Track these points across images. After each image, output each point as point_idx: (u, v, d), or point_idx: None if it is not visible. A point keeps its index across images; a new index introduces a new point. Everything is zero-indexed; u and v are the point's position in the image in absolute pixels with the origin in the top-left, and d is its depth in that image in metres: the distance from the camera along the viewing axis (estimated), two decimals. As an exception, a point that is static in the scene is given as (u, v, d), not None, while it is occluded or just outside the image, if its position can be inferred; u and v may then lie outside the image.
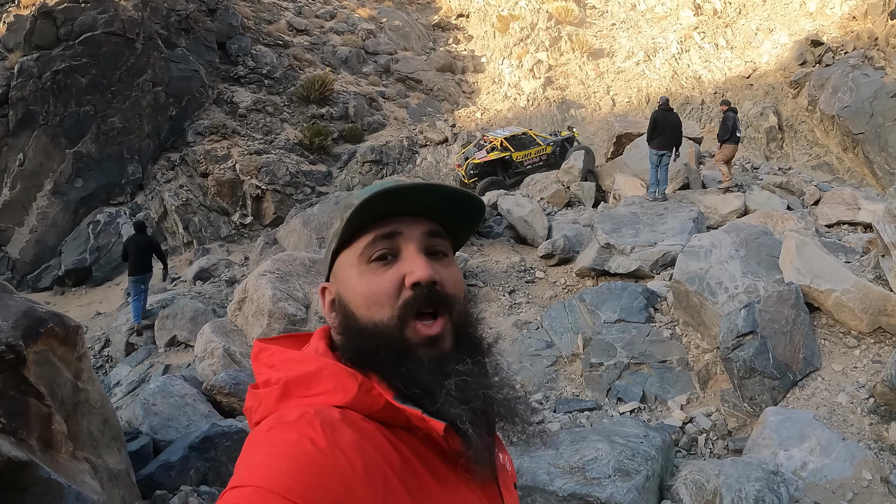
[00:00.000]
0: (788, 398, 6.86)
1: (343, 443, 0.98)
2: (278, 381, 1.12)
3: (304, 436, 0.97)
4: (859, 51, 23.37)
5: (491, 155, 20.30)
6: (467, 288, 1.30)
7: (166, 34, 23.58)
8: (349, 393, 1.08)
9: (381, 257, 1.16)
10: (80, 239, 20.01)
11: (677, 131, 14.02)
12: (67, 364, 4.96)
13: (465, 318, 1.20)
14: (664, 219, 12.20)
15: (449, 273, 1.19)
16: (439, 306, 1.15)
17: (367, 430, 1.04)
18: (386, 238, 1.16)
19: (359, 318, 1.15)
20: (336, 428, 1.00)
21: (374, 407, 1.08)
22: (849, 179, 20.74)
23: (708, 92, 26.02)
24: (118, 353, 13.31)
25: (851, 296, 7.21)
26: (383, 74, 30.21)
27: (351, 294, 1.17)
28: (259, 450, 0.98)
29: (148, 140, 22.08)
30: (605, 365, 8.42)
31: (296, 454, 0.94)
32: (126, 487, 5.19)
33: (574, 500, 4.87)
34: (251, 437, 1.04)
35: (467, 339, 1.18)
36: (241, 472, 0.96)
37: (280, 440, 0.97)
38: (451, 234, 1.25)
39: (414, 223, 1.18)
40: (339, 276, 1.22)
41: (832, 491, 5.44)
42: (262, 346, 1.23)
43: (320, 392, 1.09)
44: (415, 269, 1.13)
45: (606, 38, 31.35)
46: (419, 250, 1.16)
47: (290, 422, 1.01)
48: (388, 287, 1.13)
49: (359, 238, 1.18)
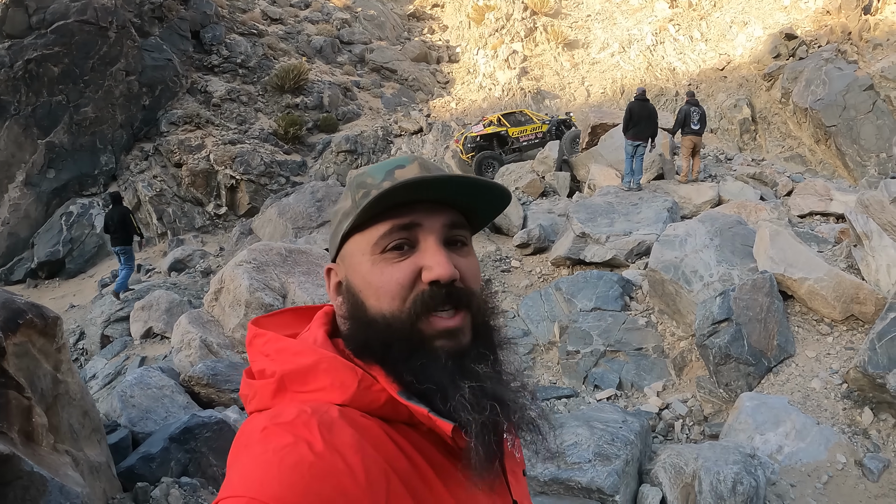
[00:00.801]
0: (763, 384, 6.96)
1: (342, 445, 0.93)
2: (273, 374, 1.07)
3: (301, 439, 0.92)
4: (833, 44, 23.65)
5: (487, 129, 20.66)
6: (484, 276, 1.26)
7: (140, 23, 23.32)
8: (348, 390, 1.03)
9: (398, 247, 1.09)
10: (53, 231, 19.80)
11: (653, 122, 14.11)
12: (47, 356, 4.91)
13: (483, 311, 1.15)
14: (639, 208, 12.27)
15: (467, 264, 1.13)
16: (458, 303, 1.09)
17: (367, 427, 1.00)
18: (404, 229, 1.09)
19: (368, 309, 1.09)
20: (334, 429, 0.96)
21: (374, 404, 1.04)
22: (821, 171, 20.99)
23: (682, 84, 26.21)
24: (93, 345, 13.17)
25: (824, 284, 7.32)
26: (358, 64, 30.13)
27: (361, 282, 1.11)
28: (253, 454, 0.92)
29: (121, 130, 21.87)
30: (582, 353, 8.47)
31: (291, 460, 0.89)
32: (107, 480, 5.15)
33: (555, 484, 4.92)
34: (245, 435, 0.99)
35: (485, 332, 1.13)
36: (234, 478, 0.91)
37: (275, 444, 0.92)
38: (471, 219, 1.19)
39: (435, 213, 1.11)
40: (348, 261, 1.15)
41: (807, 474, 5.53)
42: (257, 332, 1.18)
43: (317, 388, 1.04)
44: (434, 265, 1.07)
45: (581, 29, 31.45)
46: (439, 243, 1.10)
47: (285, 422, 0.96)
48: (403, 279, 1.07)
49: (374, 225, 1.10)
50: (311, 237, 15.12)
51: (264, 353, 1.13)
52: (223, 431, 6.26)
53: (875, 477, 5.45)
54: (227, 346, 9.41)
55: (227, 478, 0.93)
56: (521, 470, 1.26)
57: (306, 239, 14.89)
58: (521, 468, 1.27)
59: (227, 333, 9.70)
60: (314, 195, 17.21)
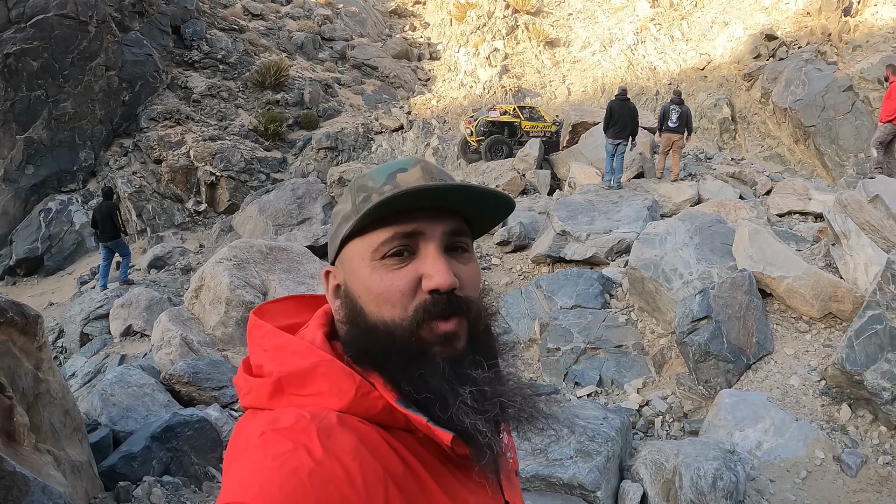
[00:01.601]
0: (742, 381, 7.02)
1: (340, 452, 0.93)
2: (270, 374, 1.07)
3: (300, 445, 0.92)
4: (812, 45, 23.84)
5: (502, 117, 20.79)
6: (483, 281, 1.26)
7: (120, 17, 23.13)
8: (346, 396, 1.03)
9: (398, 253, 1.08)
10: (32, 227, 19.59)
11: (633, 121, 14.22)
12: (28, 354, 4.87)
13: (481, 317, 1.15)
14: (619, 207, 12.33)
15: (468, 271, 1.13)
16: (457, 311, 1.08)
17: (365, 433, 1.00)
18: (406, 236, 1.08)
19: (367, 315, 1.09)
20: (333, 435, 0.95)
21: (371, 410, 1.04)
22: (800, 171, 21.14)
23: (663, 83, 26.32)
24: (72, 343, 13.09)
25: (803, 282, 7.39)
26: (339, 61, 30.09)
27: (361, 288, 1.10)
28: (252, 459, 0.92)
29: (100, 126, 21.69)
30: (562, 350, 8.50)
31: (290, 467, 0.89)
32: (89, 479, 5.13)
33: (537, 480, 4.94)
34: (243, 439, 0.99)
35: (482, 338, 1.13)
36: (232, 484, 0.90)
37: (274, 450, 0.92)
38: (472, 225, 1.18)
39: (437, 220, 1.10)
40: (347, 265, 1.14)
41: (786, 469, 5.59)
42: (256, 323, 1.18)
43: (315, 392, 1.04)
44: (434, 273, 1.06)
45: (563, 27, 31.54)
46: (440, 250, 1.09)
47: (284, 428, 0.96)
48: (403, 286, 1.07)
49: (374, 230, 1.09)
50: (291, 234, 15.08)
51: (262, 346, 1.13)
52: (205, 430, 6.24)
53: (853, 472, 5.52)
54: (207, 344, 9.39)
55: (224, 483, 0.93)
56: (514, 471, 1.27)
57: (287, 236, 14.85)
58: (515, 468, 1.28)
59: (208, 331, 9.67)
60: (295, 192, 17.20)
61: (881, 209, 8.20)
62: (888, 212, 8.08)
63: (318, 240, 13.49)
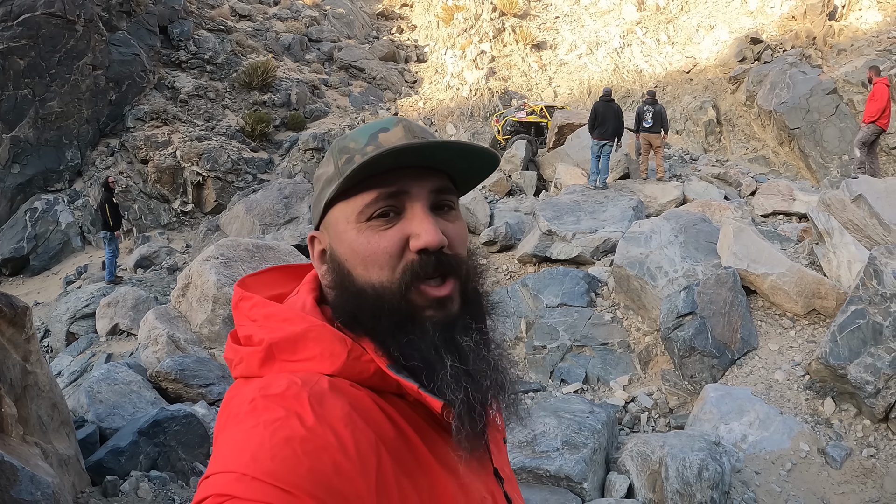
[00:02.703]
0: (727, 376, 7.07)
1: (332, 418, 0.91)
2: (261, 341, 1.05)
3: (291, 412, 0.90)
4: (797, 49, 24.02)
5: (530, 117, 21.02)
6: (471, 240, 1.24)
7: (107, 17, 23.03)
8: (337, 360, 1.02)
9: (384, 214, 1.06)
10: (18, 227, 19.44)
11: (618, 122, 14.30)
12: (16, 346, 4.85)
13: (471, 276, 1.13)
14: (605, 207, 12.39)
15: (455, 229, 1.11)
16: (447, 270, 1.07)
17: (357, 398, 0.98)
18: (391, 196, 1.06)
19: (355, 278, 1.07)
20: (324, 402, 0.93)
21: (363, 374, 1.03)
22: (784, 172, 21.28)
23: (648, 85, 26.38)
24: (58, 342, 13.06)
25: (787, 279, 7.46)
26: (326, 62, 30.07)
27: (347, 251, 1.08)
28: (243, 427, 0.90)
29: (87, 125, 21.57)
30: (549, 348, 8.55)
31: (282, 435, 0.86)
32: (76, 473, 5.11)
33: (524, 472, 4.97)
34: (233, 406, 0.97)
35: (474, 298, 1.12)
36: (223, 452, 0.88)
37: (265, 417, 0.89)
38: (456, 182, 1.17)
39: (422, 179, 1.08)
40: (332, 229, 1.11)
41: (771, 462, 5.64)
42: (243, 295, 1.15)
43: (307, 358, 1.02)
44: (422, 232, 1.04)
45: (550, 30, 31.64)
46: (426, 209, 1.07)
47: (275, 395, 0.93)
48: (390, 247, 1.05)
49: (359, 192, 1.07)
50: (278, 233, 15.09)
51: (251, 317, 1.11)
52: (192, 425, 6.23)
53: (838, 464, 5.58)
54: (194, 342, 9.37)
55: (215, 451, 0.91)
56: (501, 437, 1.26)
57: (274, 235, 14.85)
58: (503, 436, 1.28)
59: (195, 329, 9.65)
60: (281, 192, 17.16)
61: (864, 208, 8.28)
62: (871, 210, 8.16)
63: (304, 239, 13.48)
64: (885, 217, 8.05)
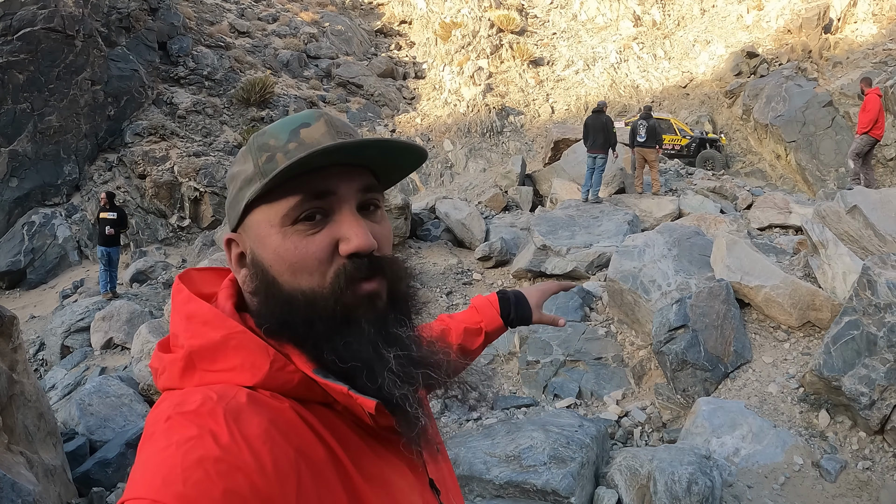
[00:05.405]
0: (720, 389, 7.00)
1: (250, 436, 0.88)
2: (181, 347, 1.01)
3: (205, 430, 0.86)
4: (793, 62, 24.13)
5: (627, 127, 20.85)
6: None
7: (107, 32, 23.08)
8: (259, 371, 0.98)
9: (310, 217, 1.02)
10: (15, 240, 19.41)
11: (608, 133, 14.33)
12: (2, 355, 4.84)
13: (399, 275, 1.10)
14: (600, 221, 12.36)
15: (382, 230, 1.09)
16: (377, 272, 1.05)
17: (278, 411, 0.95)
18: (318, 198, 1.02)
19: (282, 285, 1.03)
20: (241, 418, 0.90)
21: (287, 385, 0.99)
22: (781, 186, 21.29)
23: (645, 101, 26.50)
24: (53, 356, 13.08)
25: (780, 291, 7.39)
26: (324, 79, 30.11)
27: (272, 257, 1.03)
28: (156, 448, 0.86)
29: (85, 140, 21.57)
30: (542, 362, 8.47)
31: (195, 456, 0.83)
32: (62, 484, 5.07)
33: (510, 487, 4.89)
34: (150, 425, 0.93)
35: (403, 296, 1.10)
36: (136, 477, 0.84)
37: (178, 436, 0.86)
38: (380, 178, 1.14)
39: (349, 178, 1.05)
40: (253, 232, 1.07)
41: (764, 475, 5.56)
42: (179, 287, 1.11)
43: (227, 368, 0.99)
44: (353, 237, 1.01)
45: (547, 46, 31.75)
46: (355, 211, 1.05)
47: (189, 412, 0.90)
48: (319, 253, 1.02)
49: (282, 193, 1.02)
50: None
51: (179, 313, 1.07)
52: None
53: (832, 478, 5.49)
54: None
55: (131, 474, 0.87)
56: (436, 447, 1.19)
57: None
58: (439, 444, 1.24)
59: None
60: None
61: (859, 219, 8.22)
62: (866, 221, 8.10)
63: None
64: (880, 228, 7.98)
